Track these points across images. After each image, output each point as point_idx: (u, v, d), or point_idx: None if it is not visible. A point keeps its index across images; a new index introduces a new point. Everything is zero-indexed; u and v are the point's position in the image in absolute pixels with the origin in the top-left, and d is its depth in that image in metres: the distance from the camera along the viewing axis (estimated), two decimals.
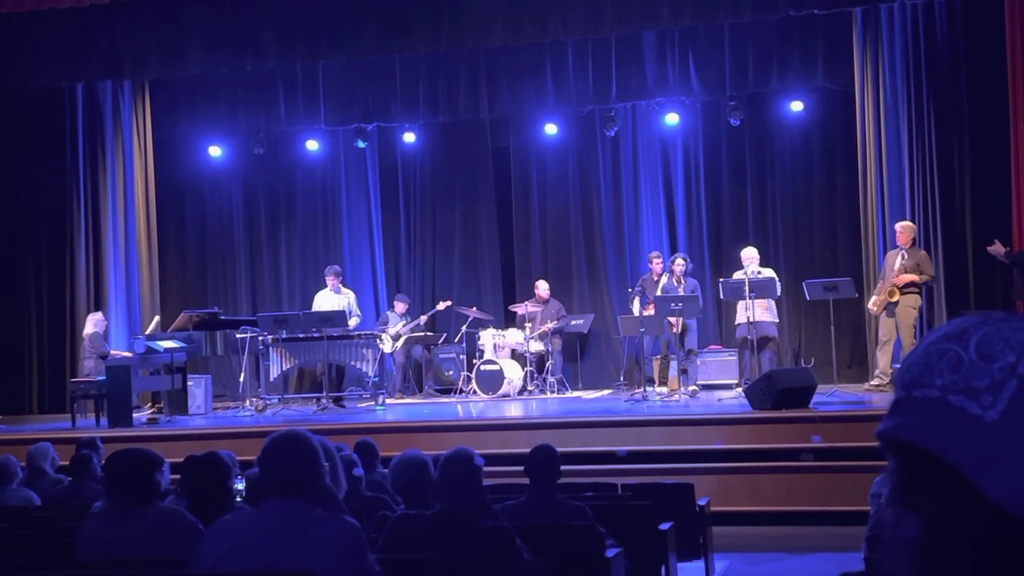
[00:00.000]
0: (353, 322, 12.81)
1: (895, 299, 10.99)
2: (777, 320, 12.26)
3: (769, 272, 11.95)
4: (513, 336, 13.24)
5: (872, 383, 11.33)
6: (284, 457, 3.27)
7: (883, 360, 11.16)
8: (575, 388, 13.52)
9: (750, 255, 11.99)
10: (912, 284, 10.98)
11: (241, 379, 12.45)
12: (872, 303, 11.32)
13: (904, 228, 11.29)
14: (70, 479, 6.59)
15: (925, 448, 0.98)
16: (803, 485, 8.98)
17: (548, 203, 14.84)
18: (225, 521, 3.45)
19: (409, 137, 14.88)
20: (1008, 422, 0.95)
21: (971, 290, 11.83)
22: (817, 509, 8.72)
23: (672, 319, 11.72)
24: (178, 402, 11.95)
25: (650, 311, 11.99)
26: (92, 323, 12.61)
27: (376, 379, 12.47)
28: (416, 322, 13.78)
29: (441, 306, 13.75)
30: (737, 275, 11.84)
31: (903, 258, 11.08)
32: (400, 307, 13.90)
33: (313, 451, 3.31)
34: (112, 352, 12.40)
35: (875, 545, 4.17)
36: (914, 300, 11.06)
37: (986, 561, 0.95)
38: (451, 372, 14.01)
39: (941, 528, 0.97)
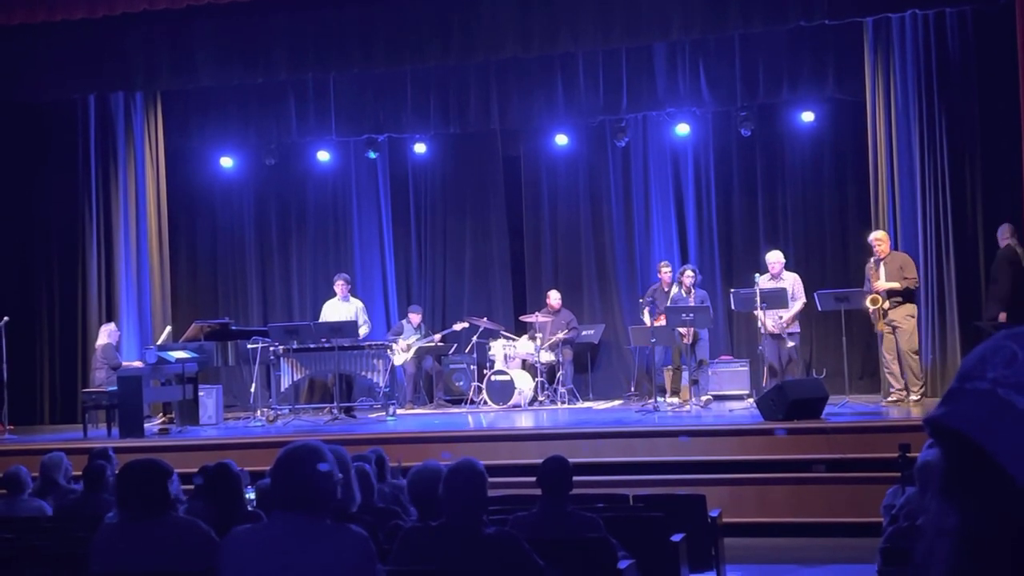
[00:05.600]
0: (363, 331, 12.79)
1: (877, 305, 10.87)
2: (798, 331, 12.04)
3: (791, 276, 11.84)
4: (524, 346, 13.24)
5: (913, 399, 10.92)
6: (296, 470, 3.27)
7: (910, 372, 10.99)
8: (586, 399, 13.49)
9: (774, 258, 11.86)
10: (896, 292, 10.83)
11: (252, 389, 12.48)
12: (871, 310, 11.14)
13: (880, 238, 11.12)
14: (82, 489, 6.59)
15: (970, 437, 0.99)
16: (815, 496, 8.96)
17: (559, 213, 14.83)
18: (236, 533, 3.45)
19: (420, 148, 14.89)
20: None
21: (983, 301, 11.76)
22: (829, 521, 8.71)
23: (683, 330, 11.70)
24: (189, 412, 11.97)
25: (660, 321, 11.97)
26: (105, 334, 12.66)
27: (387, 389, 12.47)
28: (430, 338, 13.76)
29: (458, 326, 13.61)
30: (763, 279, 11.67)
31: (883, 267, 10.93)
32: (415, 318, 13.86)
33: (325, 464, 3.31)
34: (123, 363, 12.43)
35: (889, 557, 4.16)
36: (909, 308, 10.94)
37: (1022, 554, 0.96)
38: (461, 383, 14.00)
39: (980, 519, 0.98)
